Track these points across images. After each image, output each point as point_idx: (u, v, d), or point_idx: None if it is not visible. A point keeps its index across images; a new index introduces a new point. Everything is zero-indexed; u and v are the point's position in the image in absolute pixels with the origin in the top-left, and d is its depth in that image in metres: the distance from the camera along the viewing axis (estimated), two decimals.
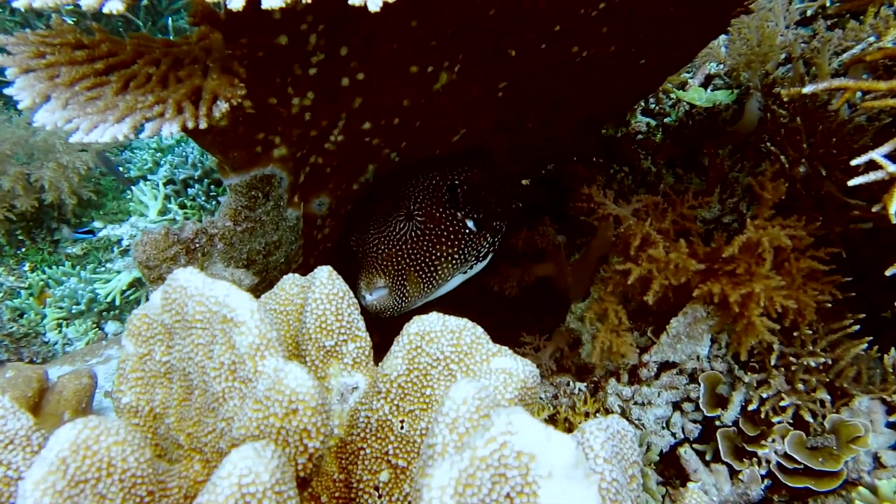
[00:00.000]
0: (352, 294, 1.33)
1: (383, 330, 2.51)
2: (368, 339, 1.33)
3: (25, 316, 4.63)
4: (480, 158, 2.90)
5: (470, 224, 2.73)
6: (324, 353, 1.28)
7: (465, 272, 2.81)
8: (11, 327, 4.52)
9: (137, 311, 1.18)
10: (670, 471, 2.44)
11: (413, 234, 2.66)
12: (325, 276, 1.30)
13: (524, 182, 4.00)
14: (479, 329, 1.27)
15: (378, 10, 1.43)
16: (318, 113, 2.14)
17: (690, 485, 2.28)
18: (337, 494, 1.22)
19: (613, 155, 3.54)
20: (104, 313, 4.62)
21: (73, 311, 4.57)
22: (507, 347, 1.28)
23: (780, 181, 2.31)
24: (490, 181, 2.83)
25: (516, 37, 2.26)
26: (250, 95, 1.96)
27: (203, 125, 1.65)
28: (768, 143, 2.61)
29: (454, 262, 2.69)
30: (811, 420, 2.28)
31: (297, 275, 1.39)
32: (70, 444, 0.90)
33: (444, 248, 2.67)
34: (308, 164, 2.29)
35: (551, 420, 2.37)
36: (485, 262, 2.87)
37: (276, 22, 1.81)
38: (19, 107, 1.54)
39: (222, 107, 1.66)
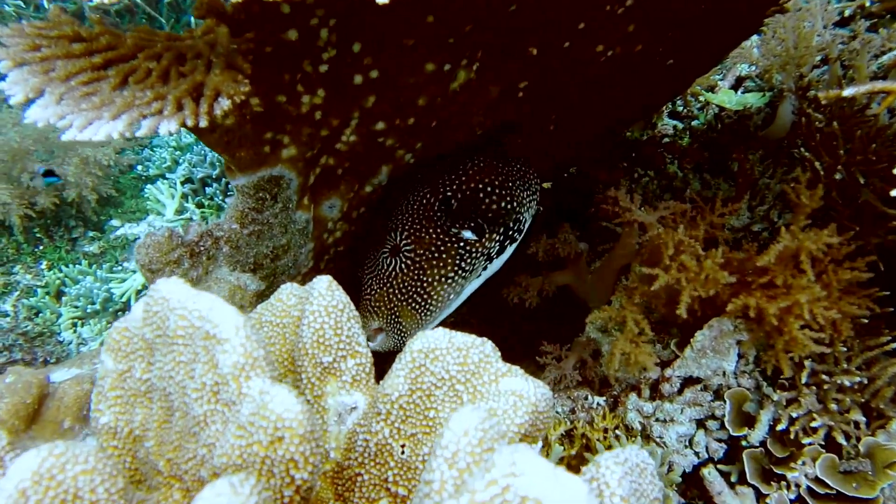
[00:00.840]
0: (352, 306, 1.24)
1: None
2: (369, 354, 1.24)
3: (41, 315, 4.60)
4: (492, 146, 2.78)
5: (467, 234, 2.63)
6: (321, 370, 1.19)
7: (479, 276, 2.72)
8: (26, 326, 4.49)
9: (118, 323, 1.10)
10: (693, 491, 2.33)
11: (401, 267, 2.60)
12: (324, 288, 1.21)
13: (545, 185, 3.90)
14: (489, 346, 1.18)
15: (387, 1, 1.35)
16: (330, 112, 2.05)
17: None
18: None
19: (638, 158, 3.42)
20: (119, 313, 4.59)
21: (89, 311, 4.54)
22: (518, 367, 1.19)
23: (817, 188, 2.19)
24: (498, 169, 2.69)
25: (538, 35, 2.16)
26: (258, 92, 1.88)
27: (204, 123, 1.57)
28: (802, 149, 2.48)
29: (452, 280, 2.61)
30: (844, 442, 2.16)
31: (295, 284, 1.31)
32: (32, 474, 0.82)
33: (436, 271, 2.60)
34: (318, 164, 2.21)
35: (567, 436, 2.26)
36: (505, 257, 2.74)
37: (285, 16, 1.73)
38: (10, 102, 1.47)
39: (224, 104, 1.58)
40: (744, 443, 2.22)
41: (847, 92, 1.67)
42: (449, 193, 2.63)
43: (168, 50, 1.67)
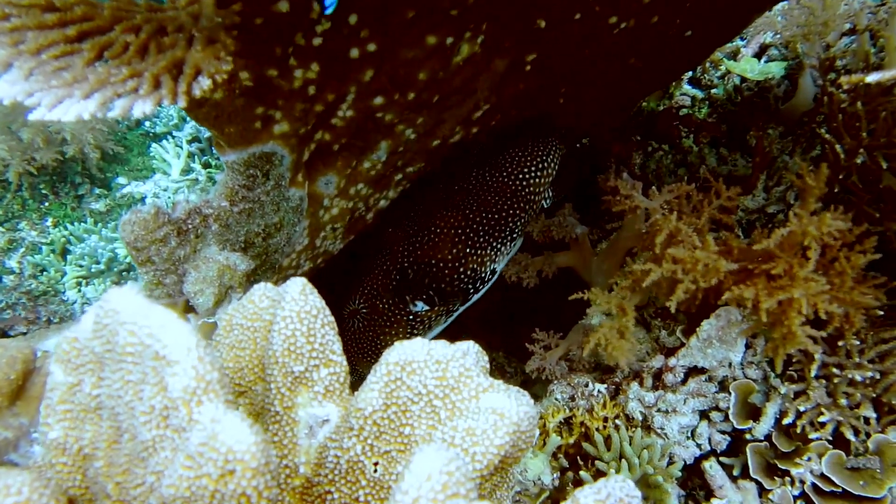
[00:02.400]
0: (328, 312, 1.17)
1: None
2: (345, 363, 1.17)
3: (46, 273, 4.57)
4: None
5: (419, 306, 2.79)
6: (292, 380, 1.12)
7: (442, 324, 2.94)
8: (31, 284, 4.46)
9: (69, 332, 1.04)
10: (694, 480, 2.27)
11: (358, 327, 2.82)
12: (297, 292, 1.14)
13: None
14: (470, 359, 1.10)
15: None
16: (324, 86, 1.95)
17: (715, 501, 2.10)
18: None
19: (652, 131, 3.30)
20: (124, 273, 4.55)
21: (93, 270, 4.50)
22: (501, 381, 1.11)
23: (822, 167, 2.07)
24: (456, 238, 2.77)
25: (547, 6, 2.04)
26: (248, 67, 1.79)
27: (182, 103, 1.49)
28: (823, 129, 2.36)
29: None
30: (853, 438, 2.08)
31: (269, 285, 1.23)
32: None
33: (389, 338, 2.78)
34: (313, 140, 2.12)
35: (566, 423, 2.20)
36: (472, 302, 2.90)
37: None
38: None
39: (205, 84, 1.49)
40: (748, 436, 2.16)
41: (871, 78, 1.57)
42: (406, 265, 2.78)
43: (148, 22, 1.57)
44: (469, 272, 2.74)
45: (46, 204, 4.97)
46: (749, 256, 2.05)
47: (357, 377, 2.69)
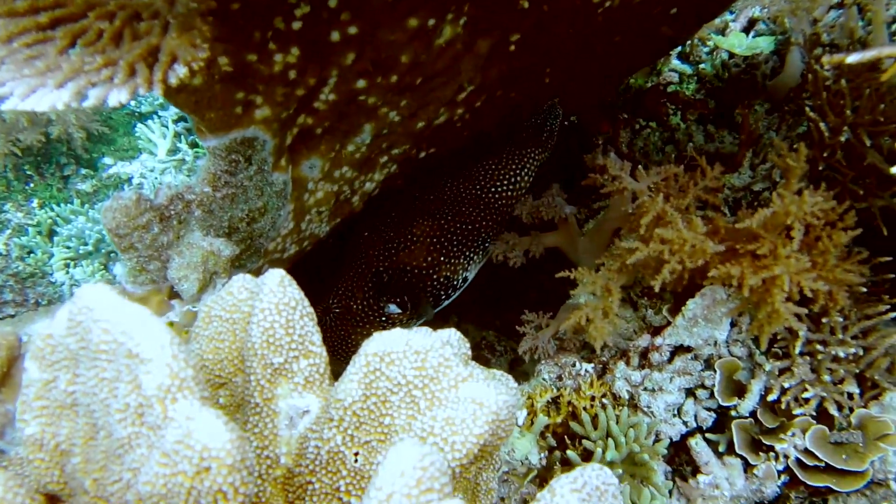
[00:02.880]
0: (306, 303, 1.17)
1: None
2: (324, 354, 1.17)
3: (33, 255, 4.54)
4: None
5: (392, 308, 2.88)
6: (271, 372, 1.13)
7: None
8: (18, 266, 4.43)
9: (42, 329, 1.03)
10: (682, 456, 2.29)
11: (330, 324, 2.88)
12: (276, 283, 1.13)
13: None
14: (449, 349, 1.11)
15: None
16: (305, 71, 1.94)
17: (701, 477, 2.12)
18: None
19: (640, 109, 3.29)
20: (112, 255, 4.53)
21: (81, 252, 4.48)
22: (481, 369, 1.12)
23: (801, 146, 2.07)
24: (432, 246, 2.90)
25: None
26: (226, 52, 1.77)
27: (158, 91, 1.48)
28: (808, 108, 2.35)
29: None
30: (836, 414, 2.11)
31: (248, 276, 1.23)
32: None
33: (359, 337, 2.83)
34: (296, 124, 2.11)
35: (554, 403, 2.22)
36: (444, 305, 3.04)
37: None
38: None
39: (180, 71, 1.47)
40: (733, 413, 2.18)
41: (852, 58, 1.55)
42: (381, 269, 2.87)
43: (122, 9, 1.55)
44: (442, 279, 2.88)
45: (31, 185, 4.92)
46: (734, 236, 2.05)
47: None
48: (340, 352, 2.89)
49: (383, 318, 2.87)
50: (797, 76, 3.00)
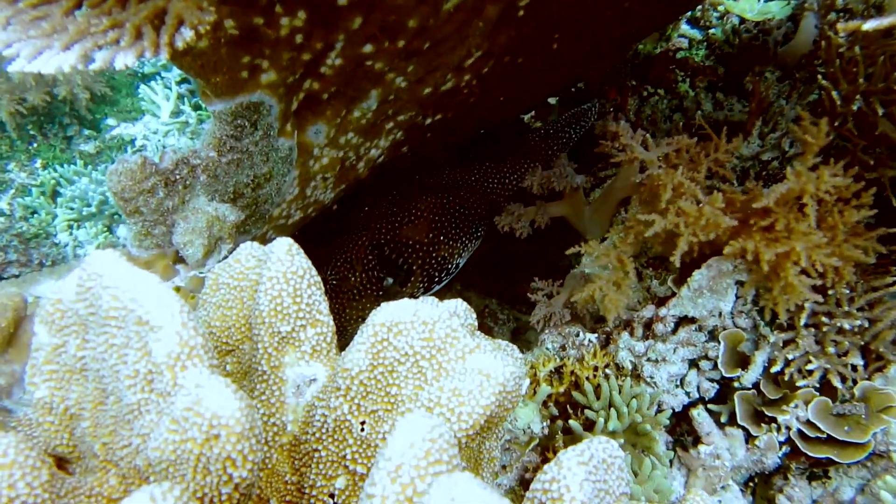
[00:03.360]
0: (314, 272, 1.16)
1: None
2: (331, 323, 1.17)
3: (37, 215, 4.53)
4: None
5: (390, 281, 2.92)
6: (278, 340, 1.13)
7: None
8: (21, 227, 4.42)
9: (51, 293, 1.03)
10: (683, 426, 2.31)
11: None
12: (283, 252, 1.13)
13: (550, 101, 3.74)
14: (456, 321, 1.10)
15: None
16: (312, 35, 1.91)
17: (702, 447, 2.14)
18: (288, 498, 1.10)
19: (648, 76, 3.25)
20: (115, 216, 4.53)
21: (84, 213, 4.47)
22: (488, 340, 1.12)
23: (822, 122, 2.05)
24: (434, 223, 2.97)
25: None
26: (232, 15, 1.74)
27: (165, 55, 1.46)
28: (820, 77, 2.32)
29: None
30: (840, 386, 2.11)
31: (255, 244, 1.23)
32: None
33: (354, 312, 2.86)
34: (302, 89, 2.08)
35: (557, 372, 2.22)
36: (434, 291, 3.06)
37: None
38: None
39: (187, 35, 1.45)
40: (736, 384, 2.18)
41: (868, 25, 1.52)
42: (383, 241, 2.90)
43: None
44: (440, 259, 2.92)
45: (35, 145, 4.90)
46: (745, 210, 2.04)
47: None
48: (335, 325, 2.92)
49: (380, 293, 2.88)
50: (810, 43, 2.95)
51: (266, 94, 1.96)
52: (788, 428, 2.10)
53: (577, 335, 2.30)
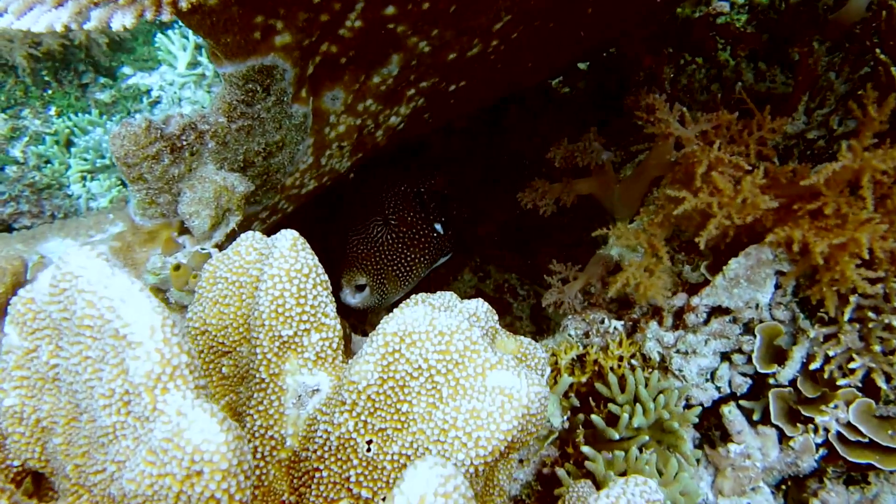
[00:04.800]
0: (321, 269, 1.04)
1: None
2: (339, 327, 1.05)
3: (50, 165, 4.42)
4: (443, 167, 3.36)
5: (438, 227, 3.13)
6: (279, 345, 1.01)
7: (432, 267, 3.26)
8: (34, 176, 4.30)
9: (23, 292, 0.92)
10: (711, 420, 2.19)
11: (389, 238, 2.99)
12: (287, 247, 1.01)
13: (581, 66, 3.56)
14: (476, 331, 0.98)
15: None
16: None
17: (732, 446, 2.02)
18: None
19: (686, 42, 3.06)
20: None
21: (98, 165, 4.36)
22: (511, 357, 0.99)
23: (888, 100, 1.88)
24: (450, 188, 3.28)
25: None
26: None
27: (166, 16, 1.33)
28: (878, 49, 2.14)
29: (425, 262, 3.08)
30: (884, 386, 1.97)
31: (258, 235, 1.11)
32: None
33: (416, 251, 3.02)
34: (318, 53, 1.94)
35: (579, 360, 2.11)
36: (446, 258, 3.32)
37: None
38: None
39: None
40: (771, 381, 2.05)
41: None
42: (423, 189, 3.14)
43: None
44: (468, 212, 3.25)
45: (49, 92, 4.76)
46: (789, 192, 1.89)
47: (383, 296, 2.96)
48: (401, 266, 2.99)
49: (433, 236, 3.08)
50: (863, 8, 2.75)
51: (280, 58, 1.83)
52: (827, 430, 1.98)
53: (602, 322, 2.17)
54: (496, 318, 1.21)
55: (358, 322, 3.34)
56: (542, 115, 3.46)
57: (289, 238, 1.02)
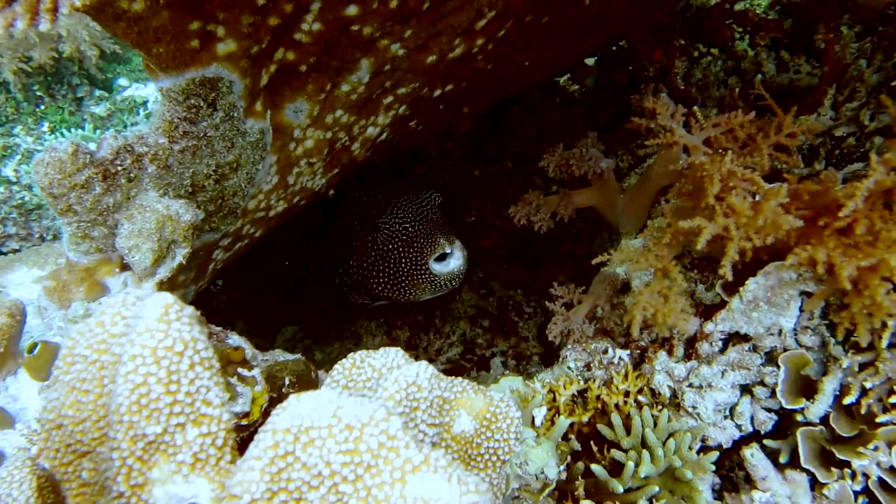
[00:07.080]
0: (202, 343, 0.81)
1: None
2: (225, 417, 0.83)
3: None
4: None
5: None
6: (143, 446, 0.79)
7: None
8: (24, 196, 4.15)
9: None
10: (733, 458, 1.93)
11: (381, 246, 2.95)
12: (156, 317, 0.79)
13: (588, 62, 3.31)
14: (395, 422, 0.75)
15: None
16: None
17: (756, 494, 1.77)
18: None
19: (700, 32, 2.80)
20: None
21: None
22: (441, 453, 0.76)
23: None
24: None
25: None
26: None
27: (45, 26, 1.14)
28: None
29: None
30: None
31: (130, 298, 0.88)
32: None
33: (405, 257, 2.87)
34: (273, 61, 1.73)
35: (581, 396, 1.86)
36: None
37: None
38: None
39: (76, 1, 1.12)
40: (800, 417, 1.79)
41: None
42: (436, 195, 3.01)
43: None
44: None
45: (42, 107, 4.62)
46: (815, 206, 1.63)
47: (465, 260, 2.82)
48: (395, 280, 2.91)
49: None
50: None
51: (224, 68, 1.62)
52: (866, 475, 1.71)
53: (605, 352, 1.93)
54: (449, 382, 0.98)
55: (354, 346, 3.14)
56: (548, 116, 3.22)
57: (159, 305, 0.80)
